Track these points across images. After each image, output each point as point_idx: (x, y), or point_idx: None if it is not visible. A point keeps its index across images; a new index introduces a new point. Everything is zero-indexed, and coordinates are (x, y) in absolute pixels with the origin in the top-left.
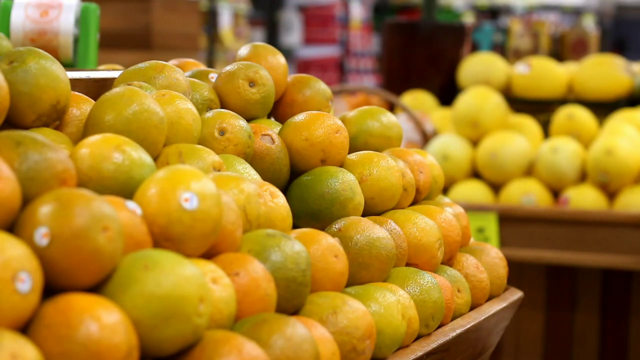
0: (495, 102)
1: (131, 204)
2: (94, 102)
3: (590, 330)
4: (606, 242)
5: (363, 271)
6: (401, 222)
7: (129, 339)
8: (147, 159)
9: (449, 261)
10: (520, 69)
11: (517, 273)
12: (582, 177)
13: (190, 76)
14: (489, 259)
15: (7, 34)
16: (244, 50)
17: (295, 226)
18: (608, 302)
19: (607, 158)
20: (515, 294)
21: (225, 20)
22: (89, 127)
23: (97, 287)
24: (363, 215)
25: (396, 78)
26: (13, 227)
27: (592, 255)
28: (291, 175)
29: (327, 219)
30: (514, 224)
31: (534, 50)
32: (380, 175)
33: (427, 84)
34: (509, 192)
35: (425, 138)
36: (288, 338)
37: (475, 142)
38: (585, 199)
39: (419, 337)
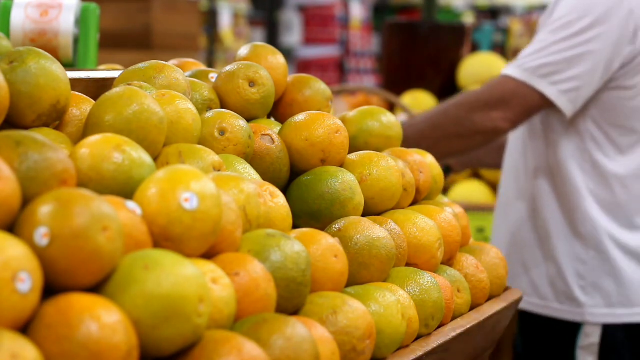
0: None
1: (131, 204)
2: (94, 102)
3: None
4: None
5: (363, 271)
6: (401, 222)
7: (129, 339)
8: (147, 159)
9: (449, 261)
10: None
11: None
12: None
13: (190, 76)
14: (489, 259)
15: (7, 34)
16: (244, 50)
17: (295, 226)
18: None
19: None
20: (515, 294)
21: (225, 20)
22: (89, 127)
23: (97, 287)
24: (363, 215)
25: (396, 78)
26: (13, 227)
27: None
28: (291, 175)
29: (327, 219)
30: None
31: None
32: (380, 175)
33: (427, 84)
34: None
35: None
36: (288, 338)
37: None
38: None
39: (419, 337)
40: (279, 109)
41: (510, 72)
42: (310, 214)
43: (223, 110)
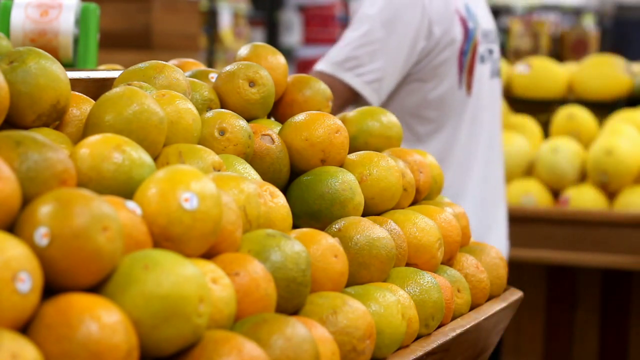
0: None
1: (131, 204)
2: (94, 102)
3: (590, 330)
4: (606, 242)
5: (363, 271)
6: (401, 222)
7: (129, 339)
8: (147, 159)
9: (449, 261)
10: (520, 69)
11: (517, 273)
12: (582, 177)
13: (190, 76)
14: (489, 259)
15: (7, 34)
16: (244, 50)
17: (295, 226)
18: (608, 302)
19: (607, 158)
20: (515, 294)
21: (225, 20)
22: (89, 127)
23: (97, 287)
24: (363, 215)
25: None
26: (13, 227)
27: (592, 255)
28: (291, 175)
29: (327, 219)
30: (514, 224)
31: (534, 50)
32: (380, 175)
33: None
34: (509, 192)
35: None
36: (288, 338)
37: None
38: (585, 199)
39: (419, 337)
40: (279, 109)
41: (321, 67)
42: (310, 214)
43: (223, 110)
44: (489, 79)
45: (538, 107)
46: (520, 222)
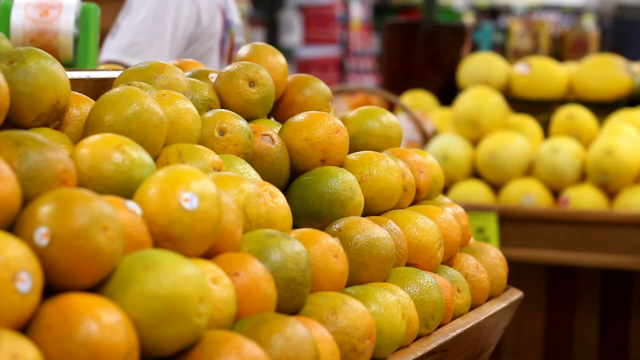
0: (495, 102)
1: (131, 204)
2: (94, 102)
3: (590, 330)
4: (606, 242)
5: (363, 271)
6: (401, 222)
7: (129, 339)
8: (147, 159)
9: (449, 261)
10: (520, 69)
11: (517, 273)
12: (582, 177)
13: (190, 76)
14: (489, 259)
15: (7, 34)
16: (244, 50)
17: (295, 226)
18: (608, 302)
19: (607, 158)
20: (515, 294)
21: None
22: (89, 127)
23: (97, 287)
24: (363, 215)
25: (396, 78)
26: (13, 227)
27: (592, 255)
28: (291, 175)
29: (327, 219)
30: (514, 224)
31: (534, 50)
32: (380, 175)
33: (427, 84)
34: (509, 192)
35: (425, 138)
36: (288, 338)
37: (475, 142)
38: (585, 199)
39: (419, 337)
40: (279, 109)
41: (109, 56)
42: (310, 214)
43: (223, 110)
44: None
45: (538, 107)
46: (520, 222)
